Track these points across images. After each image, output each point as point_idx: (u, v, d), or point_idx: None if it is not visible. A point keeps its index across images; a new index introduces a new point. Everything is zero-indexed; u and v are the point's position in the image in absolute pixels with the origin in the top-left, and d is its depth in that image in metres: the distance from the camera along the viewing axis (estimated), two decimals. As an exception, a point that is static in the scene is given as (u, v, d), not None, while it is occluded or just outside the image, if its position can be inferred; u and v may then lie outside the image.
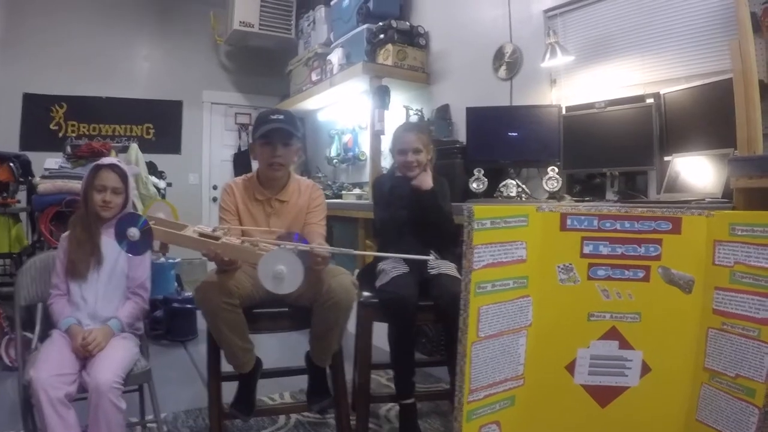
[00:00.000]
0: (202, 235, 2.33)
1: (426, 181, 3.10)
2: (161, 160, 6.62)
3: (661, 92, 3.36)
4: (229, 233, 2.45)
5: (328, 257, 2.50)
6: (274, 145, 2.79)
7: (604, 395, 2.24)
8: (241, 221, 2.86)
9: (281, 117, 2.86)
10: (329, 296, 2.51)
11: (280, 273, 2.05)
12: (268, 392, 3.53)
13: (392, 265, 3.04)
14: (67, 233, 2.77)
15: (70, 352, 2.44)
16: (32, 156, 5.12)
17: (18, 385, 2.48)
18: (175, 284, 5.54)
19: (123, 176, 2.77)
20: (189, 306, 5.11)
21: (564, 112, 3.90)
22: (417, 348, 4.26)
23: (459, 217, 3.34)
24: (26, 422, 2.43)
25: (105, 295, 2.66)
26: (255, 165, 2.96)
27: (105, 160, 2.81)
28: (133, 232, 2.19)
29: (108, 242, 2.70)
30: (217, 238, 2.33)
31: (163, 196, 5.86)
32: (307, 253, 2.34)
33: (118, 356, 2.45)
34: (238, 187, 2.93)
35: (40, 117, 7.43)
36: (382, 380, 3.03)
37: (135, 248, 2.25)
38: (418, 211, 3.10)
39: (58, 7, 7.47)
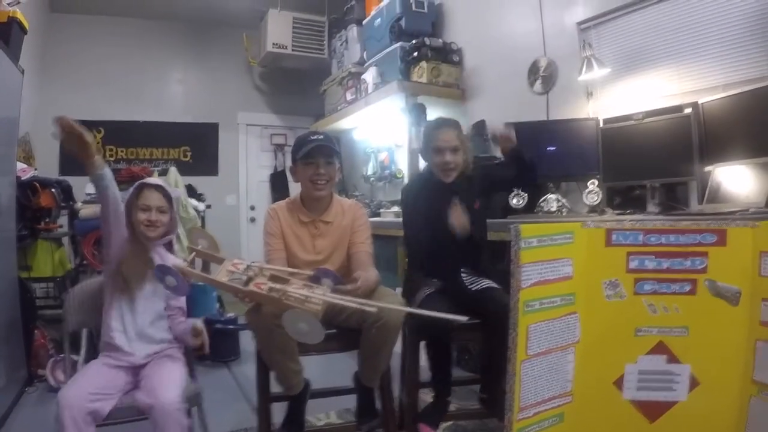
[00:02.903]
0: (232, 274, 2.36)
1: (463, 225, 2.85)
2: (199, 182, 6.72)
3: (699, 101, 3.32)
4: (261, 273, 2.37)
5: (365, 286, 2.51)
6: (316, 163, 2.84)
7: (652, 410, 2.24)
8: (287, 244, 2.90)
9: (320, 137, 2.90)
10: (378, 317, 2.48)
11: (302, 329, 2.07)
12: (314, 412, 3.50)
13: (426, 283, 3.01)
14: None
15: (111, 372, 2.49)
16: (72, 181, 5.17)
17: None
18: (217, 305, 5.58)
19: (168, 196, 2.78)
20: (231, 326, 5.20)
21: (602, 124, 3.87)
22: (460, 365, 4.27)
23: (503, 234, 3.33)
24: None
25: (152, 313, 2.71)
26: (293, 187, 2.97)
27: (150, 180, 2.83)
28: (170, 280, 2.26)
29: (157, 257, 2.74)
30: (250, 278, 2.32)
31: (203, 218, 5.94)
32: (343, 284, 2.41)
33: (177, 376, 2.50)
34: (282, 210, 2.97)
35: (78, 142, 7.56)
36: (427, 398, 3.04)
37: (177, 290, 2.35)
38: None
39: (93, 34, 7.66)
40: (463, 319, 2.10)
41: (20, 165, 4.59)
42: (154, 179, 2.89)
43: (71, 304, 2.79)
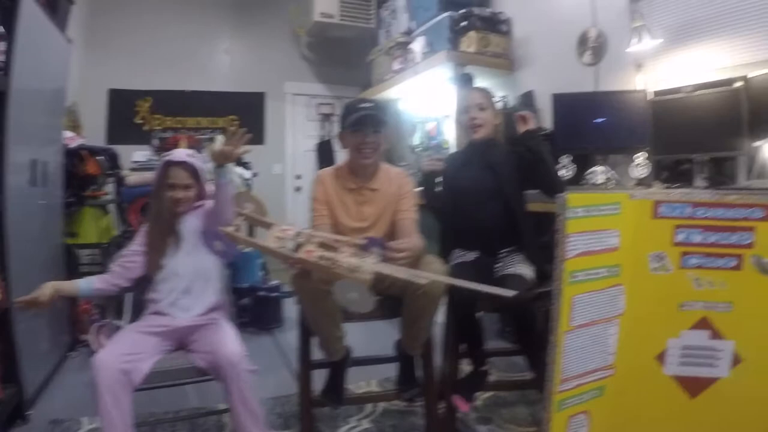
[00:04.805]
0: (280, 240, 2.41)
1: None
2: (246, 151, 6.77)
3: (749, 75, 3.27)
4: (310, 240, 2.40)
5: (412, 251, 2.52)
6: (364, 132, 2.86)
7: (694, 386, 2.23)
8: (333, 210, 2.93)
9: (370, 105, 2.92)
10: (419, 285, 2.44)
11: (353, 298, 2.13)
12: (355, 380, 3.56)
13: (460, 252, 3.09)
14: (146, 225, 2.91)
15: (143, 335, 2.59)
16: (118, 149, 5.26)
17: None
18: (261, 272, 5.64)
19: (193, 171, 2.84)
20: (275, 294, 5.27)
21: (651, 97, 3.82)
22: (503, 337, 4.30)
23: (550, 205, 3.34)
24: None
25: (194, 266, 2.78)
26: (340, 157, 3.00)
27: (175, 157, 2.86)
28: (218, 245, 2.34)
29: (186, 221, 2.84)
30: (300, 245, 2.36)
31: (249, 186, 6.00)
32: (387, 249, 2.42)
33: (232, 333, 2.62)
34: (329, 177, 3.00)
35: (126, 111, 7.66)
36: (465, 369, 3.07)
37: (225, 255, 2.45)
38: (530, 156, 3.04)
39: (140, 5, 7.74)
40: (510, 293, 2.12)
41: (67, 133, 4.70)
42: (180, 155, 2.89)
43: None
